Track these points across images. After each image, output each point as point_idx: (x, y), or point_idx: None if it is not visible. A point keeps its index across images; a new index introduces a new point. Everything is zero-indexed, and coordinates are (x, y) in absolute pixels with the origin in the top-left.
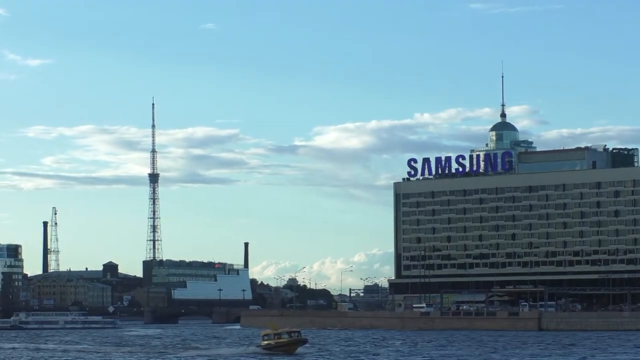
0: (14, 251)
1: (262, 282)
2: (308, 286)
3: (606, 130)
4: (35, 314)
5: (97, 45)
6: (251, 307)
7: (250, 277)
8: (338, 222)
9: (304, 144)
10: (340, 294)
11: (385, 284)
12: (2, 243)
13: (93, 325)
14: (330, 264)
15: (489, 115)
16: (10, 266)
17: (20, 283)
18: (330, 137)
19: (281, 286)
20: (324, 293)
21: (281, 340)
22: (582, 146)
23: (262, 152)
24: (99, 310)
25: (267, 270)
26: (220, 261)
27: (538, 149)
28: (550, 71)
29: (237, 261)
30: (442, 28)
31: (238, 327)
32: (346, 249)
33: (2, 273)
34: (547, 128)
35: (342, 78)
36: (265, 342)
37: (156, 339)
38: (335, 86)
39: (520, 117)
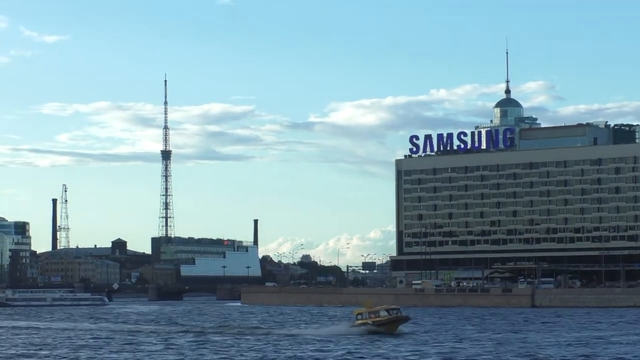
0: (21, 228)
1: (272, 259)
2: (325, 263)
3: (623, 105)
4: (22, 291)
5: (113, 21)
6: (267, 283)
7: (266, 253)
8: (354, 199)
9: (319, 120)
10: (353, 270)
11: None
12: (11, 220)
13: (82, 302)
14: (346, 240)
15: (504, 90)
16: (18, 243)
17: (27, 260)
18: (346, 113)
19: (295, 262)
20: (335, 270)
21: (379, 318)
22: (584, 122)
23: (278, 128)
24: (105, 287)
25: (282, 247)
26: (235, 238)
27: (544, 126)
28: (567, 46)
29: (252, 238)
30: (459, 3)
31: (239, 303)
32: (362, 225)
33: (10, 250)
34: (564, 104)
35: (358, 54)
36: (360, 322)
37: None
38: (351, 62)
39: (536, 92)
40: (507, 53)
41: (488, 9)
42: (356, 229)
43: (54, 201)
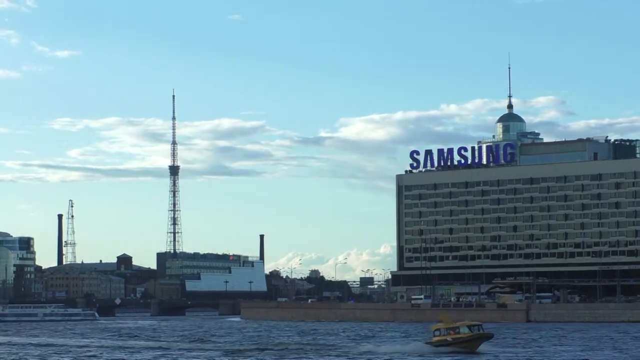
0: (26, 243)
1: (279, 273)
2: (336, 278)
3: (633, 120)
4: (13, 306)
5: (125, 36)
6: (279, 299)
7: (276, 268)
8: (364, 214)
9: (329, 135)
10: (360, 285)
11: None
12: (15, 235)
13: (73, 318)
14: (356, 255)
15: (514, 105)
16: (22, 258)
17: (32, 275)
18: (356, 128)
19: (302, 278)
20: (342, 285)
21: (460, 335)
22: (584, 138)
23: (288, 143)
24: (108, 302)
25: (292, 262)
26: (245, 254)
27: (552, 140)
28: (577, 61)
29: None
30: (469, 18)
31: (238, 319)
32: (372, 240)
33: (15, 265)
34: (574, 119)
35: (368, 69)
36: (438, 338)
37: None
38: (361, 77)
39: (547, 107)
40: (509, 68)
41: (499, 24)
42: (366, 243)
43: (60, 217)
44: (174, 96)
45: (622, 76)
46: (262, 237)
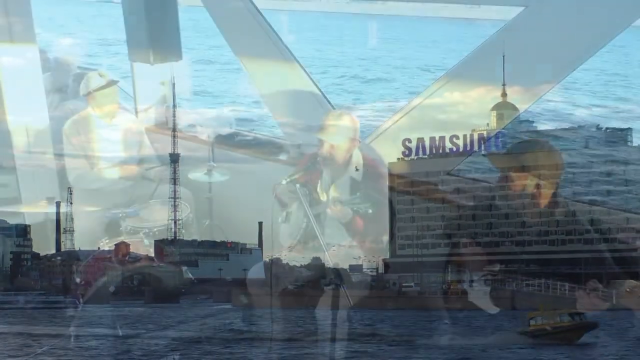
0: (22, 231)
1: (281, 261)
2: (337, 265)
3: (636, 109)
4: None
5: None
6: (289, 286)
7: (277, 255)
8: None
9: (333, 122)
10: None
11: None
12: (12, 222)
13: (54, 305)
14: (359, 242)
15: (518, 93)
16: (19, 245)
17: (29, 262)
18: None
19: (301, 265)
20: (342, 272)
21: (560, 324)
22: (576, 125)
23: (291, 131)
24: (102, 290)
25: (294, 250)
26: (244, 241)
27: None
28: (581, 48)
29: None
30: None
31: (229, 306)
32: (375, 227)
33: (12, 252)
34: (577, 107)
35: (370, 56)
36: (534, 327)
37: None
38: (364, 64)
39: (550, 94)
40: (503, 56)
41: (501, 10)
42: (370, 231)
43: (58, 204)
44: (174, 84)
45: (627, 63)
46: (260, 224)
